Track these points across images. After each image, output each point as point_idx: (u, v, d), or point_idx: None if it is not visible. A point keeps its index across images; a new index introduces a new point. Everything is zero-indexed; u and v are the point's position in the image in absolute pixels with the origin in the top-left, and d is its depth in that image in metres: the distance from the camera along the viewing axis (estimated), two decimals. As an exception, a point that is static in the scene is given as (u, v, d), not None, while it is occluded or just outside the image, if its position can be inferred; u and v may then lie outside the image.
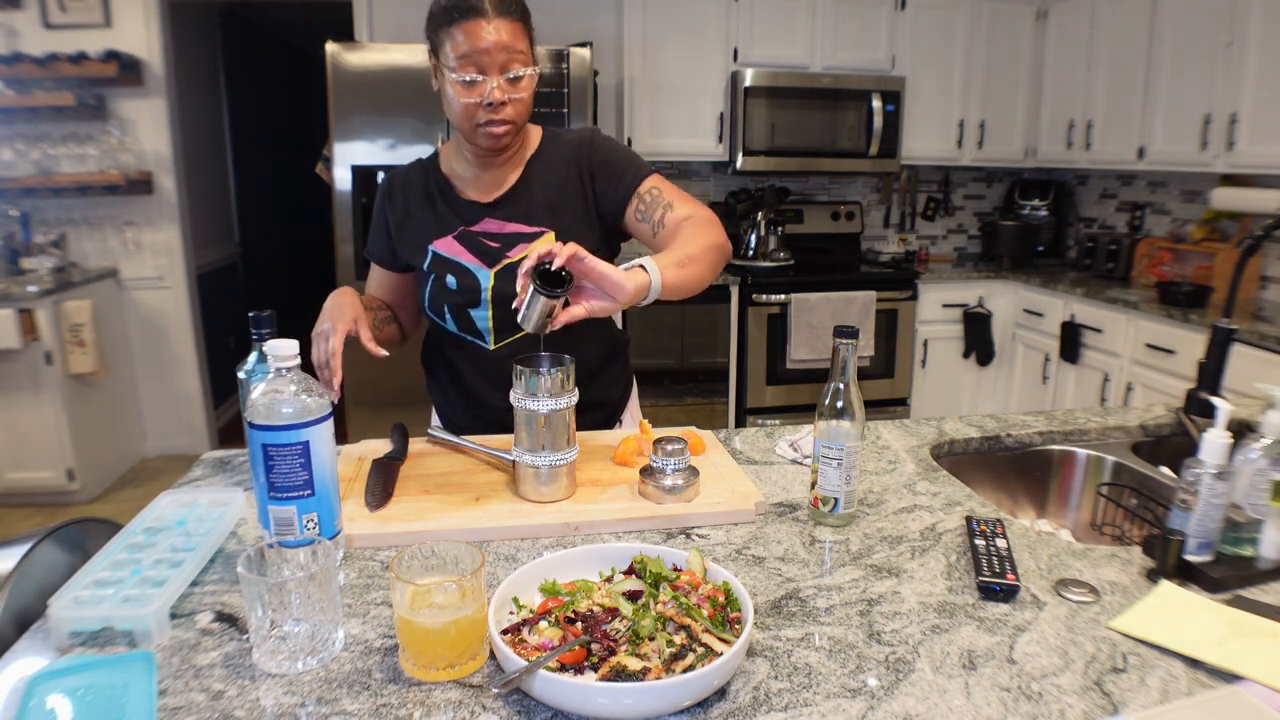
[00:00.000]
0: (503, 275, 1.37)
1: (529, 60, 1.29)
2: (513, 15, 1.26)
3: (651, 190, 1.38)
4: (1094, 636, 0.84)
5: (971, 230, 4.72)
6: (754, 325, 3.73)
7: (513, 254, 1.37)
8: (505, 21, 1.24)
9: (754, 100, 3.78)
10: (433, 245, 1.40)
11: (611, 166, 1.40)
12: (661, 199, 1.37)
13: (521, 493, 1.13)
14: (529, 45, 1.30)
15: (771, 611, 0.88)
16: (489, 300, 1.38)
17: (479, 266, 1.38)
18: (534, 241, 1.37)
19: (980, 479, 1.46)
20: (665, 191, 1.39)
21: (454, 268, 1.38)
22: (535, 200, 1.39)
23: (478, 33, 1.23)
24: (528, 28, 1.30)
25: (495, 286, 1.37)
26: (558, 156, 1.42)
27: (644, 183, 1.39)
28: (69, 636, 0.81)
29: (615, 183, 1.39)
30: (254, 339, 1.06)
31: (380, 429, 1.36)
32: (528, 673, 0.70)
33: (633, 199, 1.38)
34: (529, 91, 1.31)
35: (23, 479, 3.47)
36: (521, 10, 1.29)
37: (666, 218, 1.36)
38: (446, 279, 1.38)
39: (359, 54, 3.17)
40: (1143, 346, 3.24)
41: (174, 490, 1.15)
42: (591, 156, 1.40)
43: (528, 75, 1.29)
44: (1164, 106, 3.43)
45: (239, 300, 4.91)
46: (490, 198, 1.40)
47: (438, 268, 1.39)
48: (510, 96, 1.27)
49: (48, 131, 3.67)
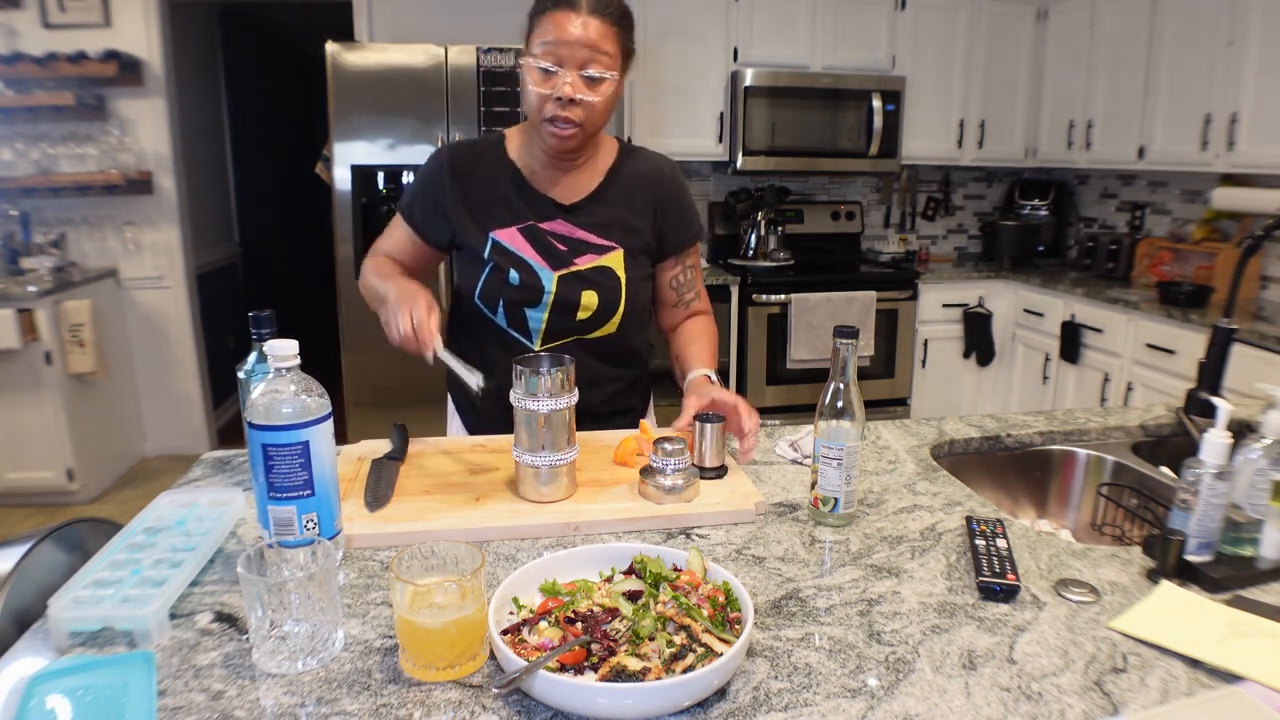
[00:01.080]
0: (566, 281, 1.36)
1: (613, 65, 1.26)
2: (607, 17, 1.24)
3: (692, 267, 1.51)
4: (1094, 636, 0.84)
5: (972, 230, 4.72)
6: (754, 325, 3.73)
7: (579, 262, 1.37)
8: (596, 20, 1.23)
9: (754, 100, 3.78)
10: (494, 233, 1.37)
11: (682, 214, 1.46)
12: (695, 283, 1.52)
13: (521, 493, 1.13)
14: (618, 51, 1.27)
15: (771, 611, 0.88)
16: (549, 304, 1.36)
17: (543, 267, 1.36)
18: (603, 255, 1.39)
19: (980, 479, 1.46)
20: (698, 273, 1.53)
21: (517, 262, 1.36)
22: (612, 213, 1.40)
23: (564, 24, 1.22)
24: (623, 34, 1.28)
25: (558, 292, 1.36)
26: (636, 176, 1.42)
27: (693, 248, 1.50)
28: (69, 636, 0.81)
29: (679, 231, 1.46)
30: (254, 339, 1.06)
31: (380, 429, 1.36)
32: (528, 673, 0.70)
33: (679, 260, 1.49)
34: (605, 98, 1.28)
35: (23, 479, 3.47)
36: (620, 15, 1.27)
37: (694, 305, 1.53)
38: (509, 273, 1.36)
39: (359, 54, 3.17)
40: (1143, 346, 3.24)
41: (174, 490, 1.15)
42: (670, 192, 1.44)
43: (607, 80, 1.26)
44: (1164, 106, 3.43)
45: (239, 300, 4.91)
46: (569, 200, 1.39)
47: (499, 258, 1.36)
48: (582, 96, 1.25)
49: (47, 131, 3.67)
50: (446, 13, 3.78)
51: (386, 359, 3.40)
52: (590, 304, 1.38)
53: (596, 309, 1.39)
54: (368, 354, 3.39)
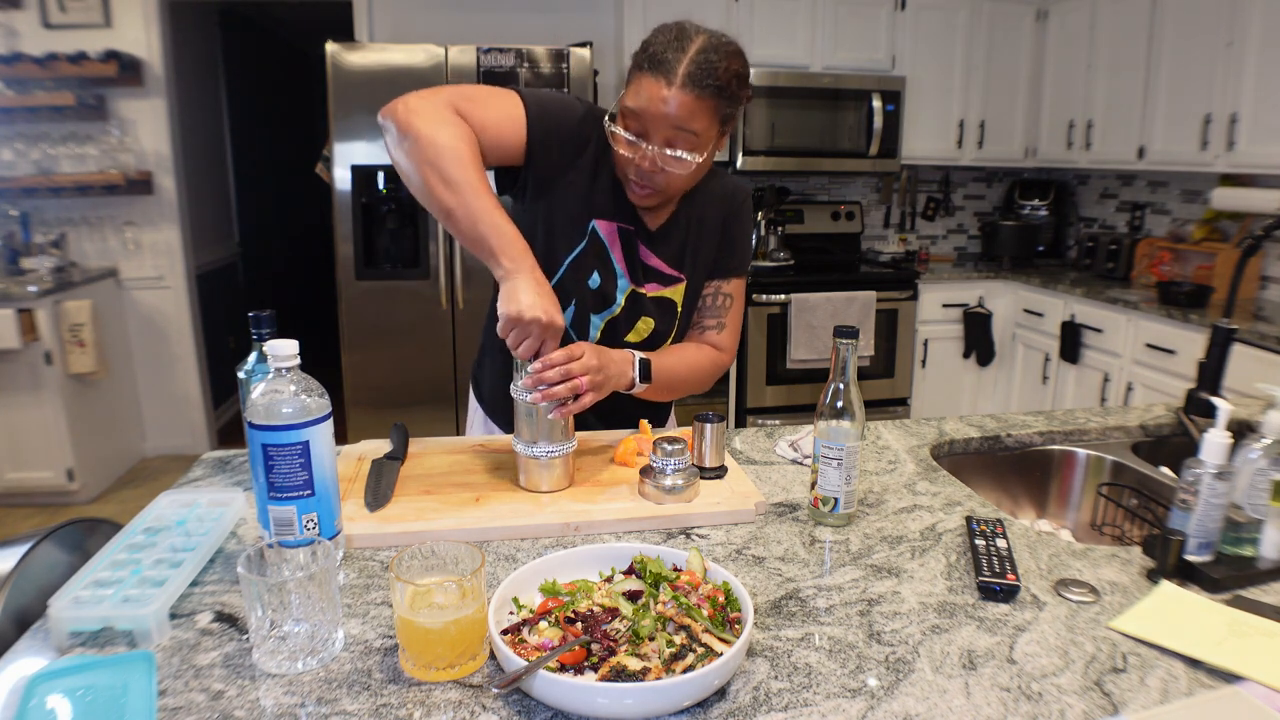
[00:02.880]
0: (634, 299, 1.32)
1: (701, 146, 1.16)
2: (702, 92, 1.12)
3: (726, 295, 1.40)
4: (1094, 636, 0.84)
5: (971, 230, 4.72)
6: (754, 325, 3.73)
7: (646, 289, 1.33)
8: (689, 96, 1.12)
9: (754, 100, 3.78)
10: (596, 221, 1.27)
11: (733, 242, 1.39)
12: (721, 312, 1.39)
13: (521, 483, 1.16)
14: (711, 128, 1.17)
15: (771, 611, 0.88)
16: (613, 313, 1.32)
17: (624, 275, 1.31)
18: (667, 286, 1.34)
19: (980, 479, 1.46)
20: (732, 306, 1.40)
21: (604, 262, 1.29)
22: (685, 242, 1.34)
23: (655, 94, 1.12)
24: (719, 111, 1.16)
25: (625, 306, 1.32)
26: (710, 200, 1.35)
27: (737, 278, 1.40)
28: (69, 636, 0.81)
29: (729, 257, 1.39)
30: (254, 339, 1.06)
31: (380, 429, 1.36)
32: (528, 673, 0.70)
33: (718, 283, 1.39)
34: (689, 173, 1.19)
35: (23, 479, 3.47)
36: (716, 90, 1.13)
37: (709, 334, 1.39)
38: (592, 275, 1.28)
39: (359, 54, 3.17)
40: (1143, 346, 3.24)
41: (174, 490, 1.15)
42: (735, 219, 1.38)
43: (690, 160, 1.16)
44: (1164, 106, 3.43)
45: (239, 300, 4.90)
46: (654, 226, 1.32)
47: (592, 248, 1.28)
48: (665, 169, 1.17)
49: (48, 131, 3.67)
50: (446, 13, 3.78)
51: (387, 359, 3.41)
52: (644, 330, 1.34)
53: (648, 336, 1.35)
54: (368, 354, 3.39)
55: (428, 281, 3.38)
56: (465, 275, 3.38)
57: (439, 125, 1.13)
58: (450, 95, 1.18)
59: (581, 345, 1.14)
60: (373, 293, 3.35)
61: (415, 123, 1.13)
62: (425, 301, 3.39)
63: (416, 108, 1.15)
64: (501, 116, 1.20)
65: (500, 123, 1.19)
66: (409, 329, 3.41)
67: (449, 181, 1.11)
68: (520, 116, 1.21)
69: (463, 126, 1.15)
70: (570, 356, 1.11)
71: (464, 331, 3.44)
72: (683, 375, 1.33)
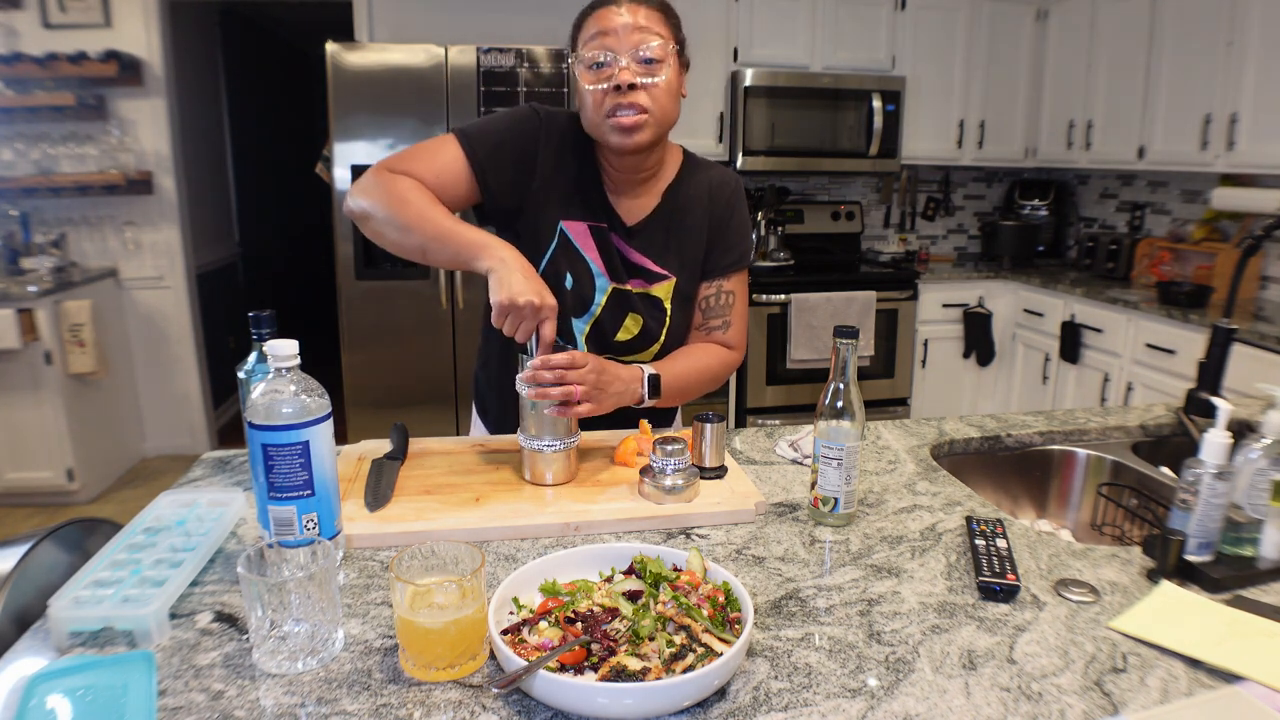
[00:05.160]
0: (617, 296, 1.31)
1: (668, 43, 1.20)
2: (649, 5, 1.21)
3: (729, 293, 1.39)
4: (1094, 636, 0.84)
5: (971, 230, 4.72)
6: (754, 325, 3.73)
7: (631, 285, 1.32)
8: (639, 6, 1.19)
9: (754, 100, 3.78)
10: (564, 224, 1.29)
11: (729, 235, 1.37)
12: (727, 311, 1.39)
13: (525, 475, 1.18)
14: (670, 33, 1.21)
15: (771, 611, 0.88)
16: (595, 314, 1.31)
17: (601, 273, 1.30)
18: (654, 284, 1.32)
19: (980, 479, 1.46)
20: (736, 303, 1.39)
21: (578, 263, 1.29)
22: (669, 238, 1.33)
23: (607, 16, 1.19)
24: (668, 22, 1.22)
25: (606, 305, 1.30)
26: (694, 192, 1.35)
27: (738, 273, 1.39)
28: (69, 636, 0.81)
29: (722, 253, 1.37)
30: (254, 339, 1.06)
31: (380, 429, 1.36)
32: (528, 673, 0.70)
33: (714, 283, 1.38)
34: (667, 81, 1.20)
35: (23, 479, 3.47)
36: (661, 3, 1.23)
37: (717, 334, 1.39)
38: (565, 277, 1.28)
39: (359, 54, 3.17)
40: (1143, 346, 3.24)
41: (174, 490, 1.15)
42: (726, 210, 1.36)
43: (664, 63, 1.19)
44: (1164, 106, 3.43)
45: (239, 300, 4.90)
46: (631, 220, 1.32)
47: (560, 252, 1.28)
48: (642, 80, 1.18)
49: (48, 131, 3.67)
50: (446, 13, 3.78)
51: (386, 359, 3.41)
52: (632, 328, 1.34)
53: (637, 335, 1.34)
54: (368, 354, 3.39)
55: (427, 281, 3.38)
56: (465, 275, 3.38)
57: (378, 189, 1.20)
58: (388, 162, 1.25)
59: (588, 357, 1.16)
60: (373, 293, 3.36)
61: (361, 200, 1.21)
62: (425, 301, 3.40)
63: (358, 189, 1.22)
64: (443, 162, 1.25)
65: (442, 169, 1.24)
66: (409, 329, 3.41)
67: (405, 225, 1.17)
68: (459, 155, 1.25)
69: (403, 179, 1.21)
70: (572, 363, 1.13)
71: (464, 331, 3.45)
72: (694, 379, 1.35)
